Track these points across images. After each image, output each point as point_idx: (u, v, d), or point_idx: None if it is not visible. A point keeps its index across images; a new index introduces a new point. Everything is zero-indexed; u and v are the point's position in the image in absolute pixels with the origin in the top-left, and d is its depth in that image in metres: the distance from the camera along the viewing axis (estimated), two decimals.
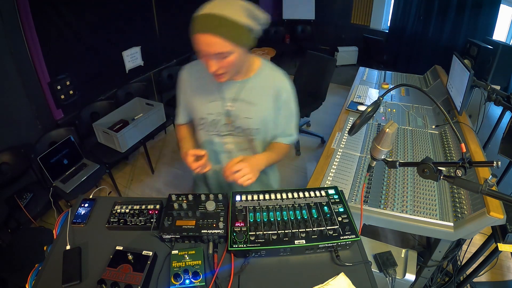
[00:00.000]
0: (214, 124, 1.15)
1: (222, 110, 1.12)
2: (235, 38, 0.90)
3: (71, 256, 0.93)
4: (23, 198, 2.15)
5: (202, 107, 1.14)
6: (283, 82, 1.13)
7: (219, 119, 1.13)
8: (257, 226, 0.96)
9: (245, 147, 1.21)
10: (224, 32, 0.88)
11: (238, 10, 0.90)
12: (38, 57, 2.30)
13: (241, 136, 1.17)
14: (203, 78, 1.12)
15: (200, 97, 1.14)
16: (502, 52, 2.98)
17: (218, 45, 0.90)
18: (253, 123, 1.13)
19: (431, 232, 1.30)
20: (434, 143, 1.78)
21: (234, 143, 1.19)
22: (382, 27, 5.40)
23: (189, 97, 1.17)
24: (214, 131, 1.17)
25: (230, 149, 1.21)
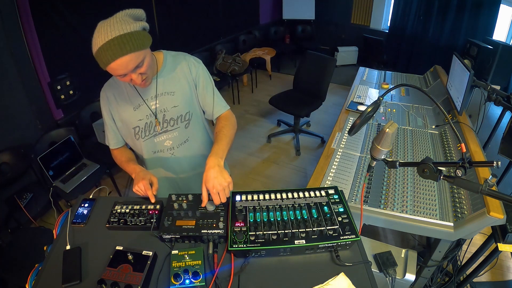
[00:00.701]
0: (147, 127, 1.18)
1: (148, 112, 1.16)
2: (140, 45, 0.94)
3: (71, 256, 0.93)
4: (23, 198, 2.15)
5: (131, 118, 1.17)
6: (186, 61, 1.18)
7: (150, 120, 1.17)
8: (257, 226, 0.96)
9: (183, 138, 1.24)
10: (131, 47, 0.92)
11: (124, 21, 0.94)
12: (38, 57, 2.30)
13: (176, 128, 1.21)
14: (121, 92, 1.16)
15: (125, 110, 1.16)
16: (502, 52, 2.99)
17: (133, 61, 0.94)
18: (181, 109, 1.18)
19: (431, 232, 1.30)
20: (434, 143, 1.78)
21: (171, 138, 1.22)
22: (382, 27, 5.40)
23: (116, 114, 1.19)
24: (150, 134, 1.20)
25: (170, 145, 1.23)
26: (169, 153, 1.25)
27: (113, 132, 1.24)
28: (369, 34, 5.11)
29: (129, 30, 0.93)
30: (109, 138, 1.26)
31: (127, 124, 1.19)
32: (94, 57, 0.93)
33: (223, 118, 1.24)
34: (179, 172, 1.33)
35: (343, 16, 5.59)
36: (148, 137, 1.20)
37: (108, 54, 0.90)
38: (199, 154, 1.32)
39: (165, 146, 1.23)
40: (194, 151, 1.30)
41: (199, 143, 1.31)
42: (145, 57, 0.98)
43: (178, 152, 1.26)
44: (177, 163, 1.29)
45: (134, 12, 0.98)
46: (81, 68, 2.64)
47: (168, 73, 1.16)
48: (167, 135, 1.21)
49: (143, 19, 1.01)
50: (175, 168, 1.31)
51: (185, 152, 1.28)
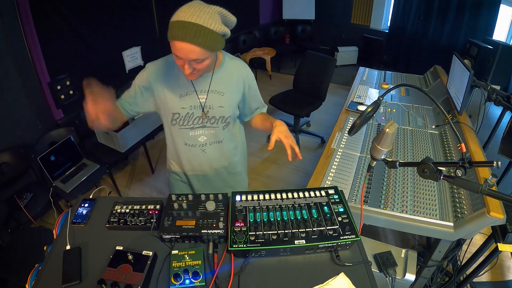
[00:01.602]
0: (188, 118, 1.19)
1: (195, 103, 1.17)
2: (211, 46, 0.95)
3: (71, 256, 0.93)
4: (23, 198, 2.15)
5: (174, 103, 1.17)
6: (245, 69, 1.23)
7: (192, 112, 1.18)
8: (257, 226, 0.96)
9: (217, 139, 1.26)
10: (201, 42, 0.92)
11: (213, 18, 0.93)
12: (38, 57, 2.30)
13: (214, 127, 1.22)
14: (172, 74, 1.16)
15: (171, 93, 1.17)
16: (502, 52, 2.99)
17: (195, 53, 0.94)
18: (226, 111, 1.21)
19: (431, 232, 1.30)
20: (434, 143, 1.78)
21: (206, 135, 1.24)
22: (382, 27, 5.40)
23: (157, 94, 1.19)
24: (187, 125, 1.20)
25: (203, 141, 1.25)
26: (200, 149, 1.26)
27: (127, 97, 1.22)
28: (369, 34, 5.11)
29: (212, 28, 0.92)
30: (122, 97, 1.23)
31: (168, 107, 1.19)
32: (169, 23, 0.94)
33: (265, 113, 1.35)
34: (206, 169, 1.34)
35: (343, 16, 5.59)
36: (185, 127, 1.21)
37: (180, 32, 0.91)
38: (229, 156, 1.35)
39: (199, 141, 1.24)
40: (226, 153, 1.32)
41: (232, 147, 1.33)
42: (207, 58, 0.99)
43: (209, 150, 1.27)
44: (207, 160, 1.30)
45: (227, 16, 0.99)
46: (81, 68, 2.64)
47: (224, 74, 1.18)
48: (203, 131, 1.22)
49: (230, 27, 1.02)
50: (203, 164, 1.32)
51: (217, 152, 1.30)
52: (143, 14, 3.16)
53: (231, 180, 1.43)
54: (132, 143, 2.62)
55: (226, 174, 1.39)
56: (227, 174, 1.40)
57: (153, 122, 2.81)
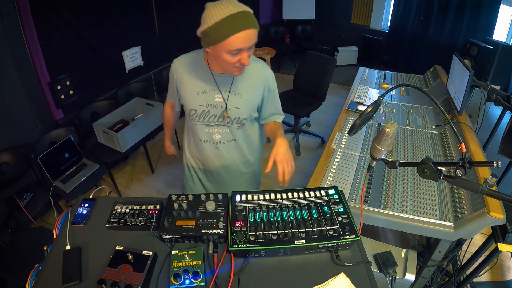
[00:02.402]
0: (204, 115, 1.21)
1: (212, 102, 1.19)
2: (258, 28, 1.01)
3: (71, 256, 0.93)
4: (23, 198, 2.15)
5: (192, 99, 1.20)
6: (267, 71, 1.23)
7: (209, 110, 1.20)
8: (257, 226, 0.96)
9: (230, 137, 1.29)
10: (257, 25, 0.99)
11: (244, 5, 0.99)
12: (38, 57, 2.30)
13: (229, 126, 1.25)
14: (195, 71, 1.18)
15: (190, 89, 1.20)
16: (502, 52, 2.99)
17: (254, 38, 1.00)
18: (241, 113, 1.22)
19: (431, 232, 1.30)
20: (434, 143, 1.78)
21: (221, 133, 1.26)
22: (382, 27, 5.40)
23: (179, 89, 1.24)
24: (203, 122, 1.23)
25: (217, 139, 1.28)
26: (214, 146, 1.29)
27: (173, 93, 1.31)
28: (369, 34, 5.11)
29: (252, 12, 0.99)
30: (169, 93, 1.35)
31: (186, 103, 1.23)
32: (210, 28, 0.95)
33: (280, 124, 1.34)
34: (218, 167, 1.37)
35: (343, 16, 5.58)
36: (200, 123, 1.24)
37: (242, 22, 0.94)
38: (243, 156, 1.37)
39: (213, 138, 1.27)
40: (239, 152, 1.35)
41: (246, 146, 1.35)
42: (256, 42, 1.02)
43: (223, 148, 1.30)
44: (220, 158, 1.33)
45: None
46: (81, 68, 2.64)
47: (245, 76, 1.17)
48: (218, 129, 1.25)
49: None
50: (216, 161, 1.35)
51: (230, 150, 1.32)
52: (143, 14, 3.15)
53: (243, 179, 1.44)
54: (132, 143, 2.62)
55: (238, 173, 1.41)
56: (239, 174, 1.42)
57: (153, 122, 2.81)
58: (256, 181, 1.54)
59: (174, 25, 3.52)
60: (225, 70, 1.11)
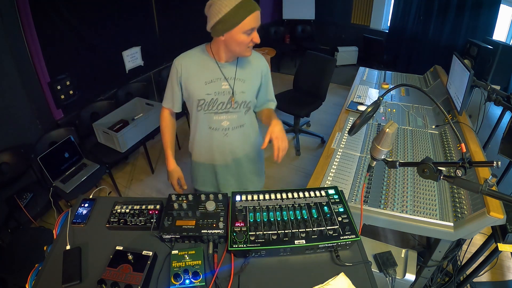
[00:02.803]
0: (212, 103, 1.28)
1: (219, 90, 1.27)
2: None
3: (71, 256, 0.93)
4: (23, 198, 2.15)
5: (199, 90, 1.26)
6: (263, 60, 1.36)
7: (217, 98, 1.27)
8: (257, 226, 0.96)
9: (239, 123, 1.35)
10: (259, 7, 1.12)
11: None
12: (38, 57, 2.30)
13: (238, 112, 1.32)
14: (200, 63, 1.27)
15: (196, 81, 1.26)
16: (502, 52, 2.99)
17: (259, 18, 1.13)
18: (247, 96, 1.31)
19: (431, 232, 1.30)
20: (434, 143, 1.78)
21: (229, 120, 1.32)
22: (382, 27, 5.40)
23: (185, 82, 1.28)
24: (212, 110, 1.29)
25: (226, 126, 1.33)
26: (223, 133, 1.34)
27: (172, 95, 1.35)
28: (369, 34, 5.11)
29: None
30: (167, 98, 1.39)
31: (193, 95, 1.28)
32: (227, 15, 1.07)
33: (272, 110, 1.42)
34: (227, 154, 1.41)
35: (343, 16, 5.58)
36: (210, 112, 1.29)
37: (252, 5, 1.09)
38: (251, 141, 1.44)
39: (222, 125, 1.32)
40: (247, 137, 1.42)
41: (252, 131, 1.43)
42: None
43: (232, 134, 1.35)
44: (229, 144, 1.38)
45: None
46: (81, 68, 2.64)
47: (245, 62, 1.30)
48: (226, 116, 1.31)
49: None
50: (225, 148, 1.39)
51: (239, 136, 1.38)
52: (143, 14, 3.15)
53: (251, 167, 1.50)
54: (132, 143, 2.62)
55: (247, 160, 1.47)
56: (247, 160, 1.47)
57: (153, 122, 2.81)
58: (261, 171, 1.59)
59: (174, 25, 3.52)
60: (237, 53, 1.20)
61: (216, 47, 1.24)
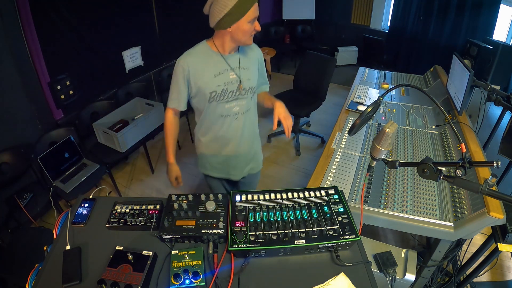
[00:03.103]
0: (223, 93, 1.37)
1: (228, 80, 1.36)
2: None
3: (71, 256, 0.93)
4: (23, 198, 2.15)
5: (210, 83, 1.34)
6: (258, 49, 1.50)
7: (226, 87, 1.37)
8: (257, 226, 0.96)
9: (247, 107, 1.47)
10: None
11: None
12: (38, 57, 2.30)
13: (245, 98, 1.43)
14: (206, 58, 1.35)
15: (205, 76, 1.34)
16: (502, 52, 2.99)
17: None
18: (253, 82, 1.44)
19: (431, 232, 1.30)
20: (434, 143, 1.78)
21: (239, 105, 1.43)
22: (382, 27, 5.40)
23: (194, 79, 1.35)
24: (223, 100, 1.39)
25: (236, 111, 1.44)
26: (233, 118, 1.45)
27: (178, 95, 1.41)
28: (369, 34, 5.11)
29: None
30: (172, 98, 1.44)
31: (204, 89, 1.35)
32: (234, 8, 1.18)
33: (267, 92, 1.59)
34: (237, 136, 1.51)
35: (343, 16, 5.58)
36: (222, 101, 1.39)
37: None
38: (255, 121, 1.58)
39: (233, 111, 1.43)
40: (251, 120, 1.54)
41: (255, 112, 1.56)
42: None
43: (241, 118, 1.47)
44: (238, 127, 1.49)
45: None
46: (81, 68, 2.64)
47: (245, 52, 1.42)
48: (237, 102, 1.42)
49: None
50: (236, 130, 1.49)
51: (246, 120, 1.49)
52: (143, 14, 3.15)
53: (256, 146, 1.65)
54: (132, 143, 2.62)
55: (252, 140, 1.61)
56: (253, 140, 1.61)
57: (153, 122, 2.81)
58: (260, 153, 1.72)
59: (174, 25, 3.52)
60: (241, 42, 1.31)
61: (221, 40, 1.32)
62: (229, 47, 1.33)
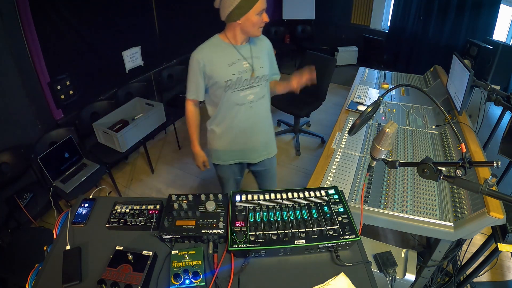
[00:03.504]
0: (238, 81, 1.44)
1: (241, 69, 1.44)
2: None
3: (71, 256, 0.93)
4: (23, 198, 2.15)
5: (225, 73, 1.42)
6: (266, 39, 1.60)
7: (241, 76, 1.44)
8: (257, 226, 0.96)
9: (261, 95, 1.54)
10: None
11: None
12: (38, 57, 2.30)
13: (259, 86, 1.50)
14: (219, 50, 1.43)
15: (220, 66, 1.42)
16: (502, 52, 2.99)
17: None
18: (265, 70, 1.52)
19: (431, 232, 1.30)
20: (434, 143, 1.78)
21: (254, 93, 1.50)
22: (382, 27, 5.39)
23: (209, 72, 1.43)
24: (238, 88, 1.46)
25: (251, 99, 1.51)
26: (248, 105, 1.51)
27: (196, 87, 1.49)
28: (369, 34, 5.10)
29: None
30: (190, 90, 1.51)
31: (219, 79, 1.43)
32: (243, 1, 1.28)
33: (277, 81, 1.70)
34: (253, 123, 1.58)
35: (343, 16, 5.58)
36: (237, 90, 1.46)
37: None
38: (266, 111, 1.63)
39: (247, 99, 1.50)
40: (265, 108, 1.61)
41: (267, 101, 1.62)
42: None
43: (256, 106, 1.53)
44: (254, 115, 1.55)
45: None
46: (81, 68, 2.64)
47: (255, 43, 1.51)
48: (251, 90, 1.49)
49: None
50: (251, 118, 1.56)
51: (260, 107, 1.56)
52: (143, 14, 3.15)
53: (270, 133, 1.72)
54: (132, 143, 2.62)
55: (267, 127, 1.68)
56: (268, 127, 1.68)
57: (153, 122, 2.81)
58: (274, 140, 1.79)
59: (174, 25, 3.52)
60: (250, 34, 1.40)
61: (232, 32, 1.41)
62: (240, 38, 1.42)
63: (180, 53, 3.70)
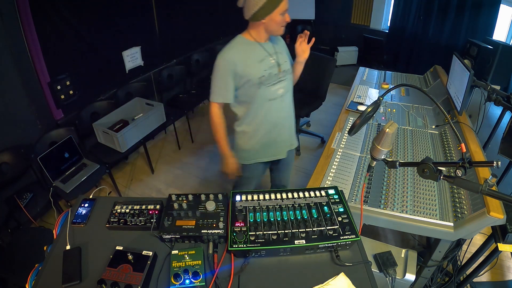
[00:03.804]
0: (270, 76, 1.50)
1: (269, 65, 1.50)
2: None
3: (71, 256, 0.93)
4: (23, 198, 2.15)
5: (257, 70, 1.47)
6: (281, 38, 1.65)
7: (271, 71, 1.50)
8: (257, 226, 0.96)
9: (289, 88, 1.62)
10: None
11: None
12: (38, 57, 2.30)
13: (286, 79, 1.57)
14: (247, 50, 1.47)
15: (252, 63, 1.46)
16: (502, 52, 2.99)
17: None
18: (288, 64, 1.60)
19: (431, 232, 1.30)
20: (434, 143, 1.78)
21: (283, 87, 1.56)
22: (382, 27, 5.39)
23: (243, 70, 1.45)
24: (270, 83, 1.51)
25: (281, 93, 1.56)
26: (280, 99, 1.57)
27: (226, 89, 1.49)
28: (369, 34, 5.10)
29: None
30: (218, 93, 1.51)
31: (253, 75, 1.46)
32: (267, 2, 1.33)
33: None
34: (283, 116, 1.65)
35: (343, 16, 5.58)
36: (269, 85, 1.51)
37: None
38: (292, 103, 1.69)
39: (278, 94, 1.55)
40: (291, 100, 1.68)
41: (292, 94, 1.68)
42: None
43: (285, 99, 1.61)
44: (284, 107, 1.63)
45: None
46: (81, 68, 2.64)
47: (274, 40, 1.57)
48: (280, 84, 1.55)
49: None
50: (282, 111, 1.62)
51: (289, 99, 1.65)
52: (143, 14, 3.15)
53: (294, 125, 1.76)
54: (132, 143, 2.62)
55: (293, 119, 1.74)
56: (293, 119, 1.74)
57: (153, 122, 2.81)
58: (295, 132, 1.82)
59: (174, 25, 3.51)
60: (273, 32, 1.46)
61: (256, 31, 1.46)
62: (264, 36, 1.48)
63: (180, 53, 3.71)
